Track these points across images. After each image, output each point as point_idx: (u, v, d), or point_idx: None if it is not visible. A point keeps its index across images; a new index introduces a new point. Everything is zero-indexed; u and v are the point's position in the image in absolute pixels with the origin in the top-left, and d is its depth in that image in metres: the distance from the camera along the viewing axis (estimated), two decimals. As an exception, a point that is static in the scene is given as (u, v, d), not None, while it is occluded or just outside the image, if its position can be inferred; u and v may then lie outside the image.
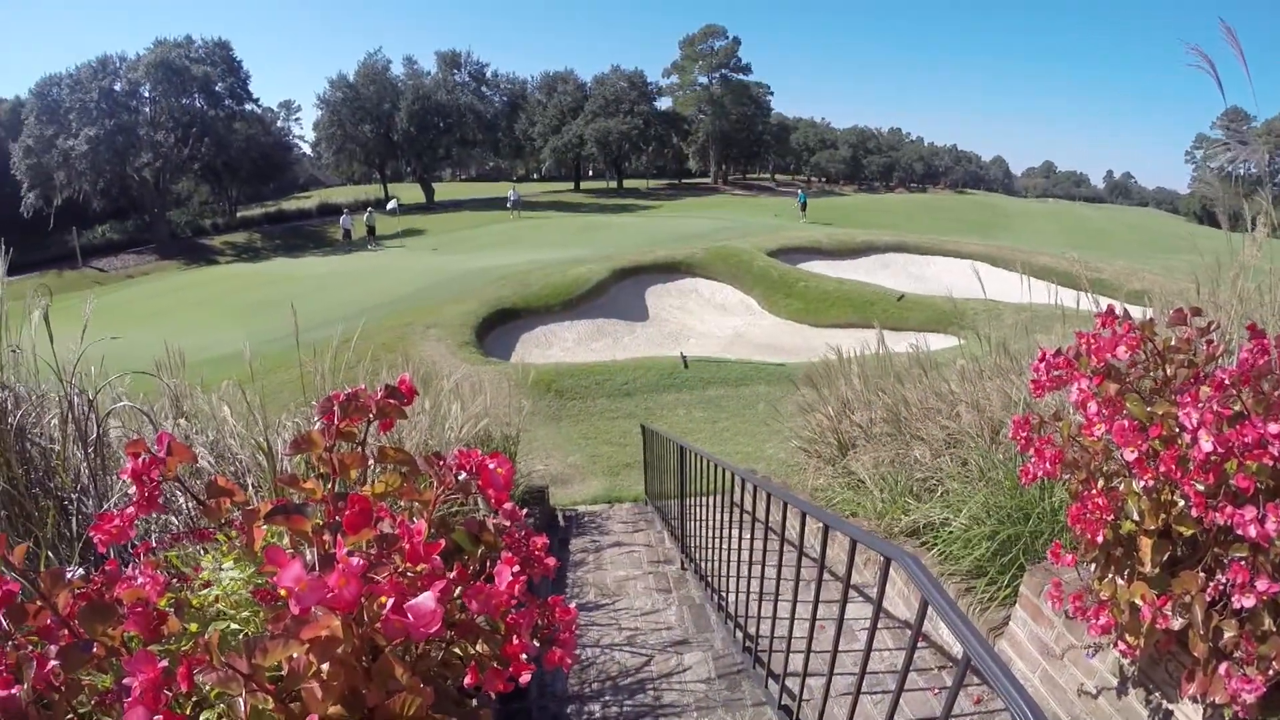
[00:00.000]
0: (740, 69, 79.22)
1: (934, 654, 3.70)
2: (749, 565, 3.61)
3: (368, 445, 1.56)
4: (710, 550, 4.55)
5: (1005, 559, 3.57)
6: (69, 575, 1.30)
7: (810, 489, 5.87)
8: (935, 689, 3.38)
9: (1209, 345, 2.17)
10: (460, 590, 1.31)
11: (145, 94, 47.84)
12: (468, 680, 1.33)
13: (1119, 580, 2.15)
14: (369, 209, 45.28)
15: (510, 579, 1.30)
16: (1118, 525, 2.12)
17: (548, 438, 12.81)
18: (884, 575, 2.23)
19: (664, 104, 76.83)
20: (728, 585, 4.10)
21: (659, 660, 3.99)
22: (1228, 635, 1.88)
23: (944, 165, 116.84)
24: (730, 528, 4.08)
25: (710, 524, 4.48)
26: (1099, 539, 2.12)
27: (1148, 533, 2.04)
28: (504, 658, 1.33)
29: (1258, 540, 1.80)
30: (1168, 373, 2.17)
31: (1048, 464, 2.29)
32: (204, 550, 1.81)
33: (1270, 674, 1.83)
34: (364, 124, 58.67)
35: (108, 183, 45.79)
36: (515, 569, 1.32)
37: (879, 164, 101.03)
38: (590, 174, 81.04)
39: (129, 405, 3.49)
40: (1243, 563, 1.85)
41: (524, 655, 1.33)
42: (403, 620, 1.12)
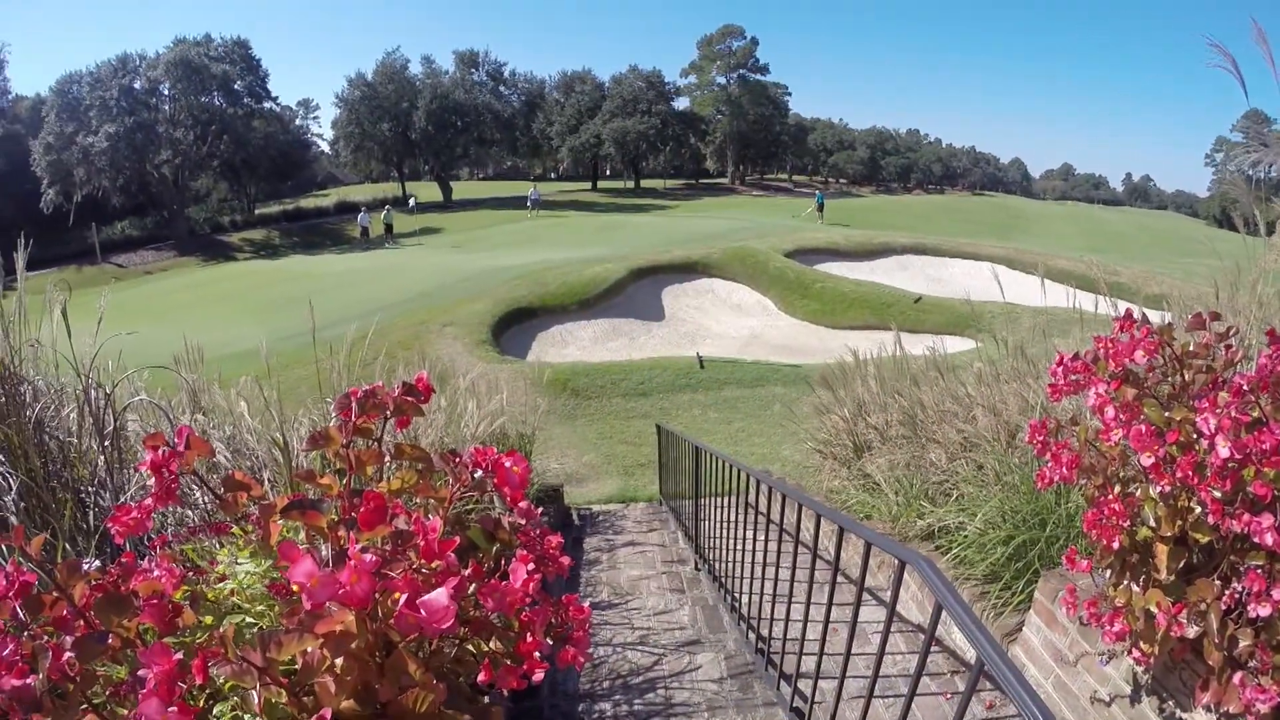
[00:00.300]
0: (758, 69, 79.09)
1: (947, 658, 3.69)
2: (763, 566, 3.61)
3: (384, 442, 1.57)
4: (724, 551, 4.55)
5: (1020, 564, 3.56)
6: (86, 567, 1.31)
7: (825, 491, 5.86)
8: (948, 694, 3.37)
9: (1227, 350, 2.15)
10: (475, 587, 1.31)
11: (165, 92, 48.07)
12: (481, 677, 1.33)
13: (1134, 587, 2.14)
14: (387, 207, 45.41)
15: (525, 577, 1.31)
16: (1134, 531, 2.11)
17: (563, 436, 12.83)
18: (898, 578, 2.23)
19: (682, 104, 76.76)
20: (741, 586, 4.10)
21: (671, 660, 3.99)
22: (1243, 644, 1.87)
23: (962, 167, 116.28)
24: (744, 529, 4.08)
25: (724, 525, 4.48)
26: (1115, 545, 2.11)
27: (1164, 539, 2.03)
28: (518, 655, 1.34)
29: (1274, 548, 1.79)
30: (1186, 378, 2.16)
31: (1064, 469, 2.28)
32: (220, 544, 1.82)
33: (1286, 683, 1.82)
34: (382, 122, 58.87)
35: (127, 179, 46.06)
36: (530, 567, 1.32)
37: (897, 165, 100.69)
38: (608, 174, 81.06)
39: (147, 400, 3.52)
40: (1259, 571, 1.84)
41: (537, 653, 1.34)
42: (416, 616, 1.13)
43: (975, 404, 4.75)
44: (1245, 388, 1.92)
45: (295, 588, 1.12)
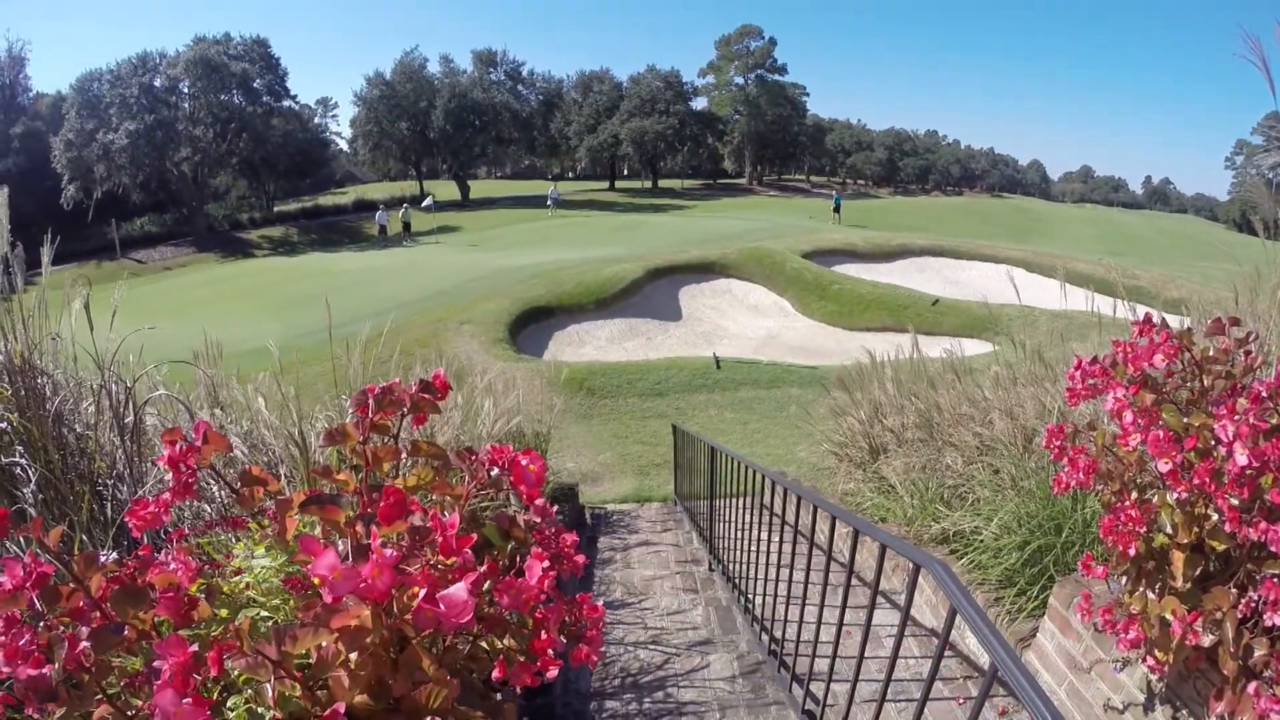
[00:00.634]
0: (776, 69, 78.84)
1: (960, 663, 3.67)
2: (776, 568, 3.60)
3: (401, 439, 1.58)
4: (738, 552, 4.55)
5: (1035, 570, 3.54)
6: (103, 559, 1.32)
7: (840, 493, 5.85)
8: (960, 699, 3.36)
9: (1247, 356, 2.14)
10: (490, 584, 1.32)
11: (184, 90, 48.34)
12: (494, 674, 1.34)
13: (1150, 594, 2.13)
14: (405, 205, 45.60)
15: (540, 575, 1.31)
16: (1150, 538, 2.09)
17: (578, 435, 12.85)
18: (913, 582, 2.22)
19: (699, 104, 76.61)
20: (754, 588, 4.10)
21: (683, 660, 4.00)
22: (1258, 654, 1.85)
23: (981, 168, 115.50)
24: (759, 530, 4.08)
25: (739, 525, 4.48)
26: (1131, 551, 2.10)
27: (1180, 546, 2.02)
28: (531, 653, 1.35)
29: (1292, 556, 1.78)
30: (1205, 383, 2.15)
31: (1081, 474, 2.27)
32: (236, 538, 1.84)
33: (1302, 693, 1.80)
34: (400, 121, 59.07)
35: (147, 176, 46.36)
36: (545, 565, 1.33)
37: (915, 166, 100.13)
38: (625, 173, 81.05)
39: (165, 394, 3.55)
40: (1276, 580, 1.83)
41: (551, 651, 1.35)
42: (435, 610, 1.14)
43: (992, 407, 4.73)
44: (1264, 394, 1.91)
45: (316, 581, 1.13)
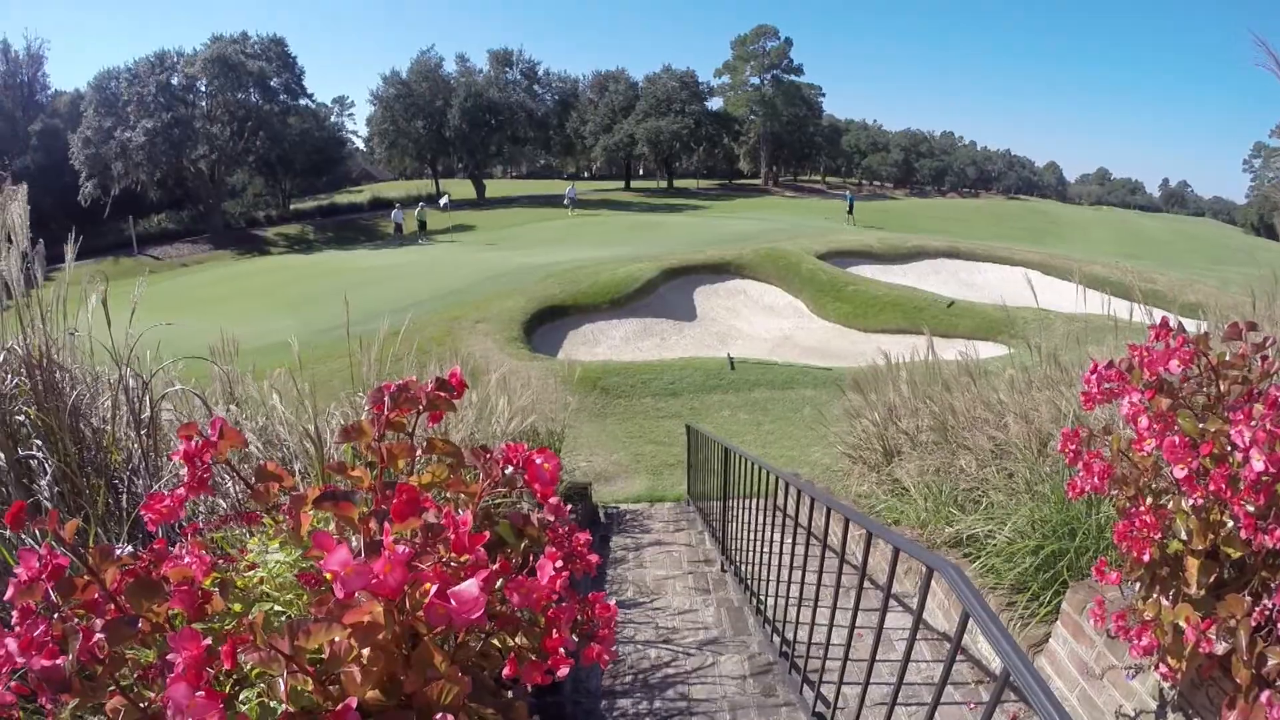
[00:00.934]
0: (792, 70, 78.59)
1: (971, 668, 3.66)
2: (789, 570, 3.60)
3: (416, 436, 1.59)
4: (750, 553, 4.55)
5: (1048, 574, 3.52)
6: (118, 552, 1.33)
7: (853, 495, 5.83)
8: (972, 703, 3.34)
9: (1264, 362, 2.12)
10: (502, 582, 1.32)
11: (201, 88, 48.74)
12: (506, 671, 1.35)
13: (1163, 601, 2.11)
14: (420, 204, 45.80)
15: (553, 573, 1.31)
16: (1165, 544, 2.08)
17: (592, 435, 12.86)
18: (925, 584, 2.22)
19: (715, 104, 76.50)
20: (766, 589, 4.10)
21: (694, 660, 4.00)
22: (1271, 662, 1.84)
23: (997, 170, 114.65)
24: (772, 531, 4.07)
25: (752, 526, 4.48)
26: (1145, 557, 2.09)
27: (1195, 553, 2.01)
28: (543, 651, 1.35)
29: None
30: (1221, 389, 2.13)
31: (1096, 479, 2.25)
32: (250, 533, 1.85)
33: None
34: (416, 120, 59.25)
35: (164, 173, 46.72)
36: (558, 564, 1.33)
37: (931, 168, 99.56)
38: (641, 173, 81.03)
39: (181, 389, 3.58)
40: (1292, 587, 1.82)
41: (563, 649, 1.35)
42: (446, 606, 1.14)
43: (1007, 411, 4.71)
44: (1281, 401, 1.89)
45: (328, 576, 1.13)
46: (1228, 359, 2.14)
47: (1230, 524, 1.94)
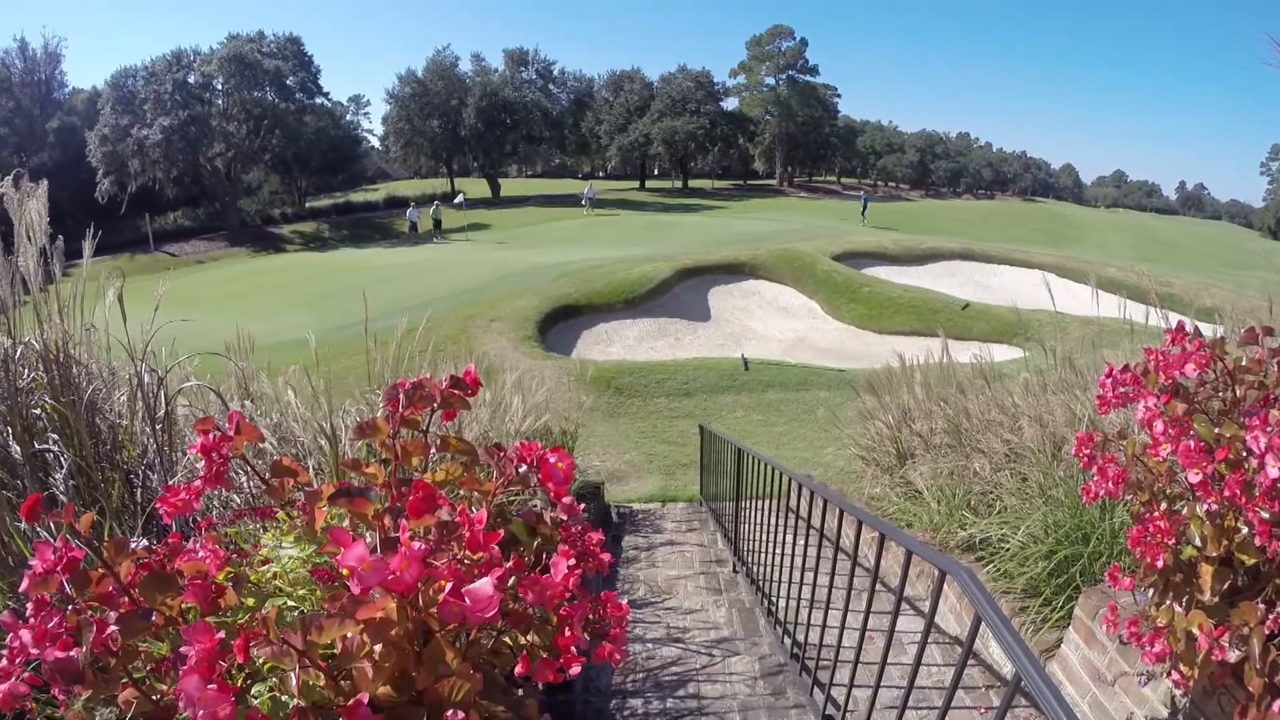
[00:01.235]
0: (807, 70, 78.44)
1: (982, 673, 3.65)
2: (801, 571, 3.60)
3: (430, 434, 1.59)
4: (763, 554, 4.55)
5: (1061, 579, 3.51)
6: (133, 545, 1.34)
7: (866, 498, 5.82)
8: (982, 708, 3.34)
9: (1281, 367, 2.11)
10: (515, 580, 1.32)
11: (218, 86, 49.00)
12: (518, 669, 1.35)
13: (1177, 607, 2.10)
14: (436, 203, 45.93)
15: (565, 572, 1.32)
16: (1178, 550, 2.07)
17: (605, 434, 12.87)
18: (937, 588, 2.21)
19: (730, 104, 76.46)
20: (778, 590, 4.10)
21: (704, 660, 4.00)
22: (1286, 671, 1.83)
23: (1012, 172, 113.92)
24: (784, 532, 4.07)
25: (764, 528, 4.48)
26: (1158, 563, 2.08)
27: (1209, 559, 2.00)
28: (555, 649, 1.36)
29: (1324, 572, 1.75)
30: (1237, 394, 2.12)
31: (1110, 483, 2.24)
32: (264, 528, 1.86)
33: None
34: (432, 119, 59.43)
35: (180, 171, 46.97)
36: (571, 562, 1.34)
37: (946, 169, 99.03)
38: (655, 173, 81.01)
39: (197, 385, 3.61)
40: (1308, 594, 1.80)
41: (574, 648, 1.36)
42: (460, 604, 1.15)
43: (1021, 414, 4.69)
44: (1298, 407, 1.88)
45: (344, 572, 1.14)
46: (1244, 364, 2.13)
47: (1245, 530, 1.93)
